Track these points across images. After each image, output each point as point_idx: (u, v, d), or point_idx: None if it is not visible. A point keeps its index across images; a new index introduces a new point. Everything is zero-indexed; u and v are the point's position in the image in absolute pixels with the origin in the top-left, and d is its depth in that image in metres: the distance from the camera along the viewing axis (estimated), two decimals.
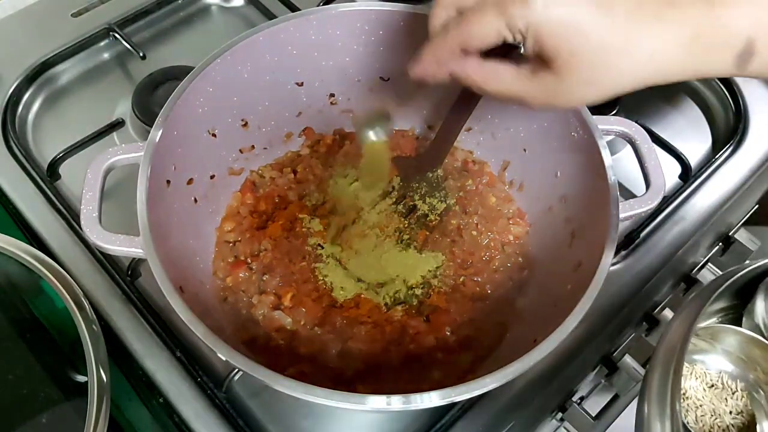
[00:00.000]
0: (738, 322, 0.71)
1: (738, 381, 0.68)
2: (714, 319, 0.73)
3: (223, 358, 0.49)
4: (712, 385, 0.68)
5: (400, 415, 0.63)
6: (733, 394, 0.68)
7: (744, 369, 0.69)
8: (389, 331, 0.63)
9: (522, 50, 0.65)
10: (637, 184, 0.77)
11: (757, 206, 0.86)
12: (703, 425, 0.66)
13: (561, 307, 0.55)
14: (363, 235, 0.69)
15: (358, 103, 0.77)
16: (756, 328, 0.69)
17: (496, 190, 0.73)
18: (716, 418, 0.66)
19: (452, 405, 0.62)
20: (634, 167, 0.62)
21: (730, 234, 0.83)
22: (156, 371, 0.63)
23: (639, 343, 0.76)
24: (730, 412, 0.66)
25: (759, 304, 0.69)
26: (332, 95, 0.75)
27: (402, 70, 0.73)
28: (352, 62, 0.72)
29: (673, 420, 0.55)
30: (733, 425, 0.66)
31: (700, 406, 0.67)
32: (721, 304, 0.72)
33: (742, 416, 0.66)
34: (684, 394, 0.68)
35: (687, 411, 0.67)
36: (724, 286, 0.63)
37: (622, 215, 0.57)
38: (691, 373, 0.69)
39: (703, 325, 0.69)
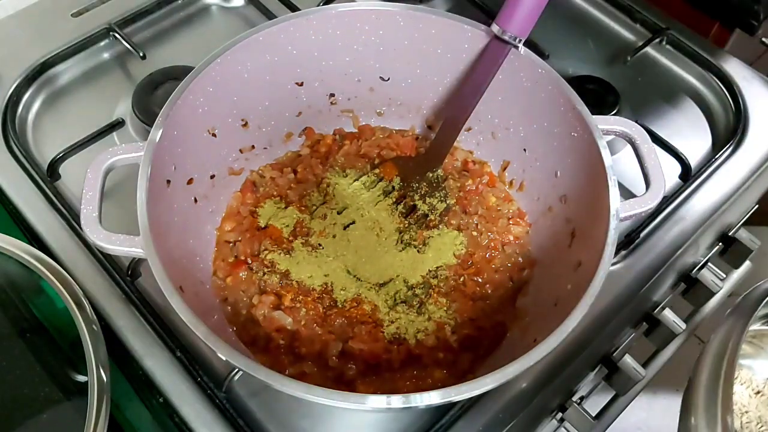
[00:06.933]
0: None
1: None
2: (761, 323, 0.69)
3: (223, 358, 0.49)
4: (758, 392, 0.65)
5: (400, 415, 0.63)
6: None
7: None
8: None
9: (520, 49, 0.66)
10: (637, 184, 0.77)
11: (757, 206, 0.86)
12: None
13: (561, 307, 0.56)
14: (363, 235, 0.69)
15: (358, 103, 0.77)
16: None
17: (496, 190, 0.74)
18: (762, 426, 0.63)
19: (452, 405, 0.62)
20: (634, 167, 0.62)
21: (730, 234, 0.83)
22: (156, 371, 0.63)
23: (639, 343, 0.76)
24: None
25: None
26: (332, 95, 0.75)
27: (402, 70, 0.73)
28: (352, 62, 0.72)
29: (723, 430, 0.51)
30: None
31: (746, 412, 0.64)
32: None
33: None
34: None
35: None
36: None
37: (622, 215, 0.57)
38: (736, 379, 0.65)
39: (751, 328, 0.65)
